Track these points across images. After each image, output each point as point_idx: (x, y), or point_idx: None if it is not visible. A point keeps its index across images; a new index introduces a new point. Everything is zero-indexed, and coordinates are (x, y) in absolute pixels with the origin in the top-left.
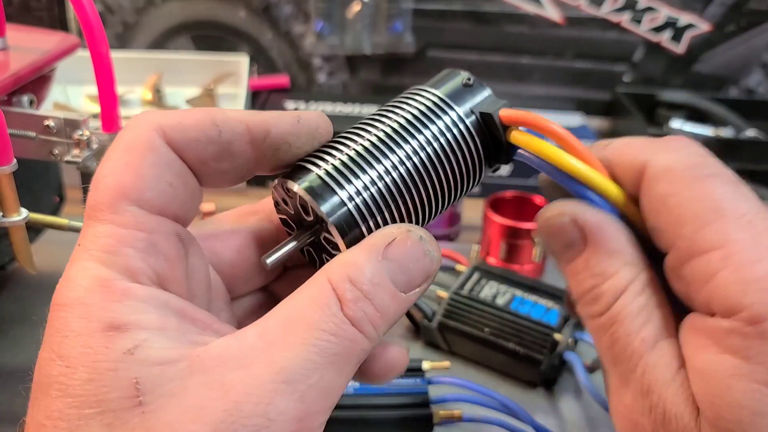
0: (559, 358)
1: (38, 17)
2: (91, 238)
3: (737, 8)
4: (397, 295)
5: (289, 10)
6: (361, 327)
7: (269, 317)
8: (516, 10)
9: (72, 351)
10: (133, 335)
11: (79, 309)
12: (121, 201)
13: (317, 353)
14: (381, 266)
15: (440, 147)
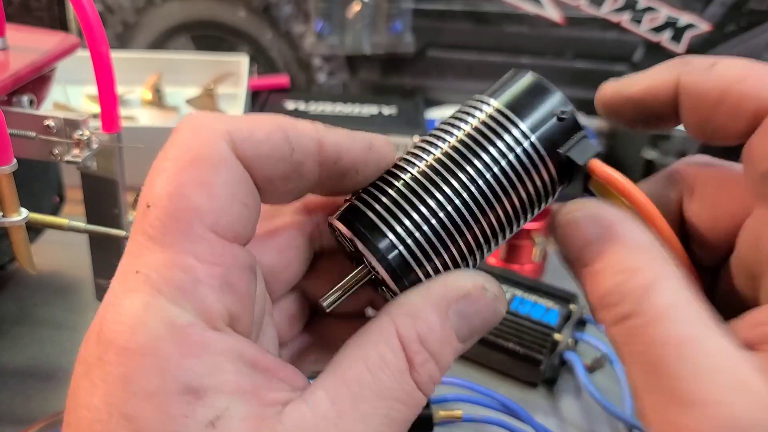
0: (559, 358)
1: (38, 17)
2: (158, 268)
3: (737, 8)
4: (459, 349)
5: (289, 10)
6: (426, 389)
7: (338, 376)
8: (516, 10)
9: (143, 413)
10: (214, 402)
11: (151, 361)
12: (195, 226)
13: (389, 423)
14: (450, 324)
15: (511, 181)
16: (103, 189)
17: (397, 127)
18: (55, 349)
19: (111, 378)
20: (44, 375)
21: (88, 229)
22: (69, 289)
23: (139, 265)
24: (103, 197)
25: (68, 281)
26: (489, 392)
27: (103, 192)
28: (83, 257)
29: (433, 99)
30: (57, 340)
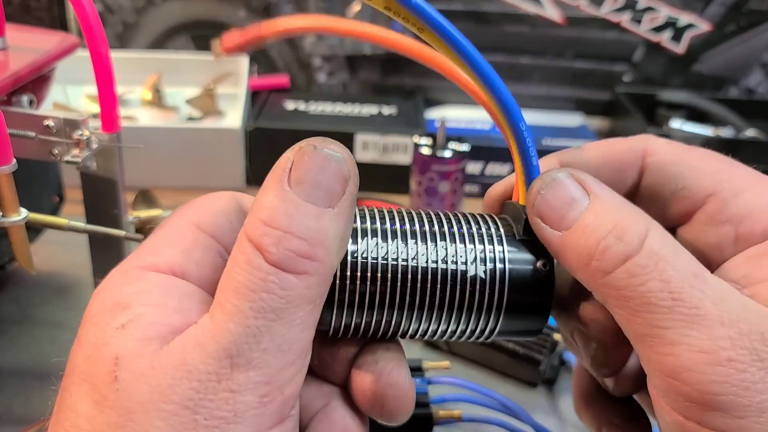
0: (558, 358)
1: (38, 17)
2: (147, 242)
3: (737, 8)
4: (323, 213)
5: (289, 10)
6: (293, 267)
7: (216, 293)
8: (516, 10)
9: (85, 332)
10: (132, 311)
11: (99, 295)
12: (181, 221)
13: (255, 316)
14: (290, 194)
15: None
16: (102, 189)
17: (397, 127)
18: (54, 349)
19: (86, 315)
20: (43, 375)
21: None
22: (68, 289)
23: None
24: (102, 197)
25: (68, 281)
26: (489, 392)
27: (103, 192)
28: (83, 257)
29: (433, 99)
30: (56, 340)
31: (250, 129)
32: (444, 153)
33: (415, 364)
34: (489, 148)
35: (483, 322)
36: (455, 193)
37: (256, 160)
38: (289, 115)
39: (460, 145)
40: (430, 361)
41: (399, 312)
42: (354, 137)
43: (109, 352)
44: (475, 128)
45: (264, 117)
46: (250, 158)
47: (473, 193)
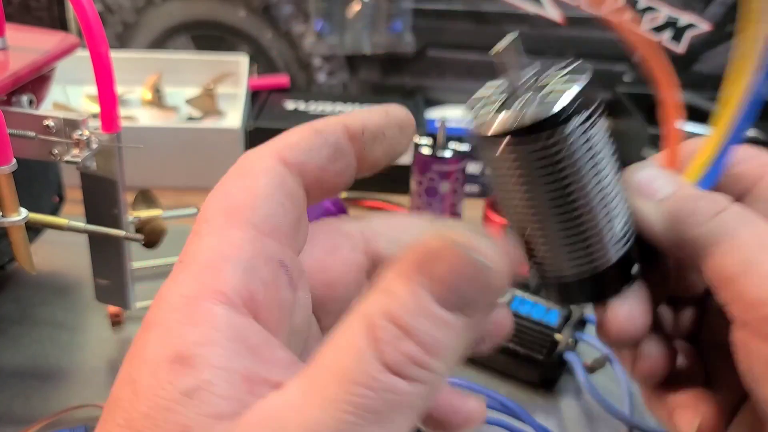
0: (559, 358)
1: (38, 17)
2: (192, 253)
3: (737, 8)
4: (452, 323)
5: (289, 10)
6: (404, 372)
7: (310, 363)
8: (516, 9)
9: (142, 378)
10: (198, 374)
11: (159, 330)
12: (228, 217)
13: (352, 412)
14: (422, 293)
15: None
16: (102, 189)
17: None
18: (54, 349)
19: (133, 347)
20: (44, 375)
21: (88, 229)
22: (68, 289)
23: (181, 256)
24: (102, 197)
25: (68, 281)
26: (489, 392)
27: (103, 192)
28: (83, 257)
29: (433, 99)
30: (56, 340)
31: (250, 129)
32: (444, 153)
33: None
34: None
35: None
36: (455, 193)
37: None
38: (289, 115)
39: (461, 145)
40: None
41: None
42: None
43: (174, 421)
44: None
45: (264, 117)
46: None
47: (474, 193)
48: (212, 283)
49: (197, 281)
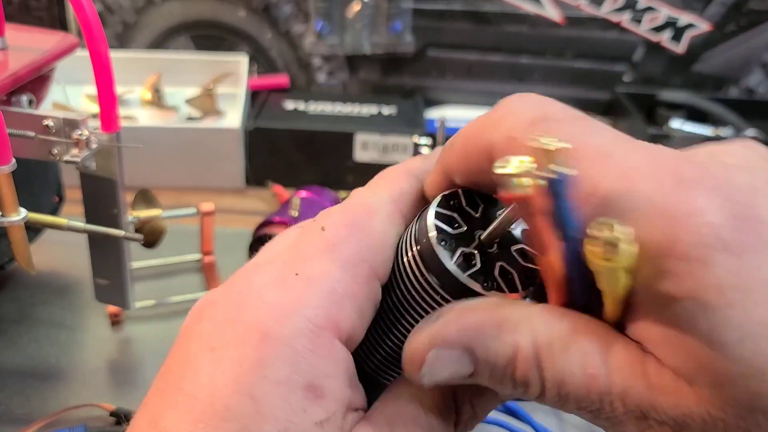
0: None
1: (37, 17)
2: (320, 274)
3: (737, 8)
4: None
5: (289, 10)
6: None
7: (393, 406)
8: (516, 9)
9: (269, 398)
10: (328, 406)
11: (287, 352)
12: (360, 256)
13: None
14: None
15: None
16: (102, 189)
17: (397, 126)
18: (53, 348)
19: (247, 361)
20: (43, 374)
21: (87, 228)
22: (68, 289)
23: (303, 268)
24: (102, 197)
25: (67, 281)
26: None
27: (102, 192)
28: (82, 257)
29: (433, 99)
30: (56, 340)
31: (249, 129)
32: None
33: None
34: None
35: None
36: None
37: (256, 159)
38: (289, 115)
39: None
40: None
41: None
42: (354, 137)
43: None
44: None
45: (264, 117)
46: (250, 158)
47: None
48: (336, 317)
49: (325, 311)
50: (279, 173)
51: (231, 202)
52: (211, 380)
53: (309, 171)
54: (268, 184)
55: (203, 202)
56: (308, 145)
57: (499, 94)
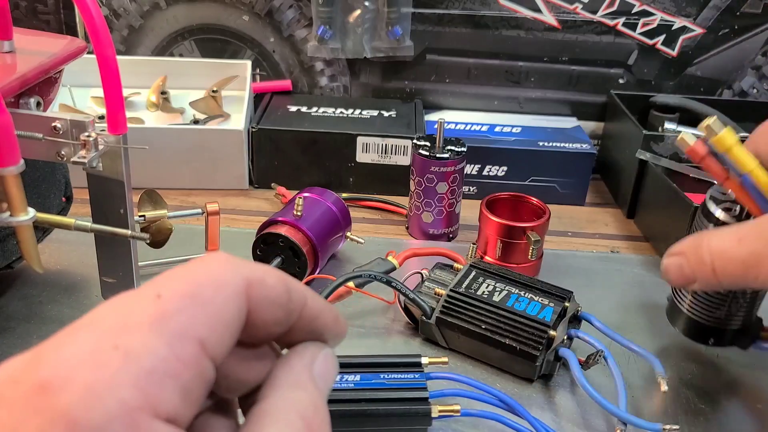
0: (554, 354)
1: (45, 21)
2: (141, 348)
3: (730, 12)
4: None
5: (291, 15)
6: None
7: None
8: (513, 14)
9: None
10: None
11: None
12: (188, 331)
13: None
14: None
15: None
16: (109, 189)
17: (397, 129)
18: None
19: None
20: None
21: (94, 228)
22: (76, 288)
23: (124, 340)
24: (109, 197)
25: (75, 279)
26: (486, 387)
27: (109, 192)
28: (90, 256)
29: (432, 102)
30: None
31: (253, 130)
32: (442, 154)
33: (414, 360)
34: (486, 149)
35: None
36: (453, 193)
37: (260, 161)
38: (292, 117)
39: (458, 146)
40: (428, 357)
41: None
42: (355, 139)
43: None
44: (472, 130)
45: (267, 119)
46: (254, 160)
47: (471, 194)
48: (155, 398)
49: (142, 392)
50: (282, 174)
51: (235, 202)
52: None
53: (312, 172)
54: (272, 185)
55: (208, 203)
56: (311, 147)
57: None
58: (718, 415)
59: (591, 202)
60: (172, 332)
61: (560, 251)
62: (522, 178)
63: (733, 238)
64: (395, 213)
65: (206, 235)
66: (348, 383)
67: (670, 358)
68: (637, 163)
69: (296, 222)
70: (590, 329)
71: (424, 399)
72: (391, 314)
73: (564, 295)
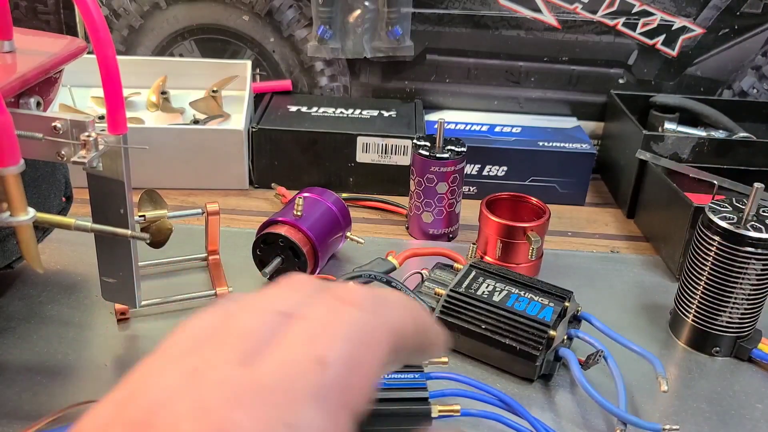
0: (554, 354)
1: (45, 21)
2: (307, 424)
3: (730, 12)
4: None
5: (291, 15)
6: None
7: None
8: (513, 14)
9: None
10: None
11: None
12: (350, 404)
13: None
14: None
15: None
16: (109, 189)
17: (397, 129)
18: (62, 346)
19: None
20: (51, 372)
21: (94, 228)
22: (75, 287)
23: (292, 417)
24: (109, 197)
25: (75, 279)
26: (486, 387)
27: (109, 192)
28: (90, 256)
29: (432, 102)
30: (64, 337)
31: (253, 130)
32: (442, 154)
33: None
34: (486, 149)
35: None
36: (453, 193)
37: (260, 161)
38: (292, 117)
39: (458, 146)
40: None
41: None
42: (355, 139)
43: None
44: (472, 130)
45: (267, 119)
46: (254, 159)
47: (471, 194)
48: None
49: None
50: (282, 174)
51: (235, 202)
52: None
53: (312, 172)
54: (272, 185)
55: (208, 203)
56: (311, 147)
57: (497, 97)
58: (717, 415)
59: (591, 202)
60: (336, 406)
61: (560, 251)
62: (522, 178)
63: None
64: (395, 213)
65: (206, 235)
66: None
67: (670, 358)
68: (637, 163)
69: (296, 222)
70: (590, 329)
71: (424, 399)
72: None
73: (564, 295)
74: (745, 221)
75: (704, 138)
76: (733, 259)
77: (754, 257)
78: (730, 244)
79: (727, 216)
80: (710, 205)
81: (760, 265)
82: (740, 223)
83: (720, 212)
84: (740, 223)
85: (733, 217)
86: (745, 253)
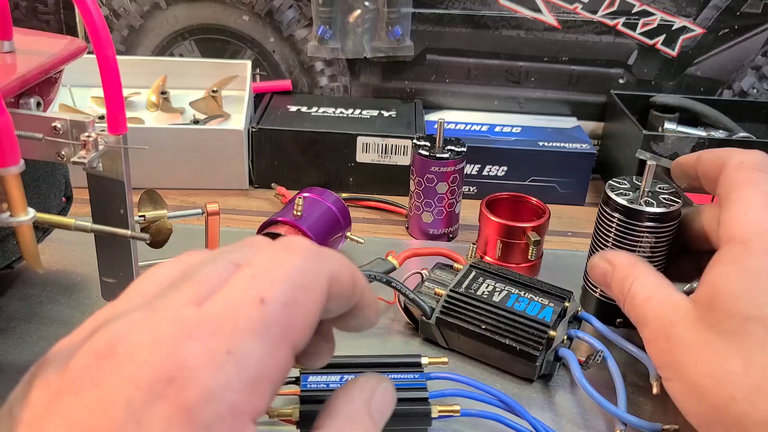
0: (554, 354)
1: (45, 21)
2: (247, 353)
3: (730, 12)
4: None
5: (291, 15)
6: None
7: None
8: (513, 14)
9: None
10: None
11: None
12: (286, 337)
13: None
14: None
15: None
16: (109, 189)
17: (397, 129)
18: None
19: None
20: None
21: (95, 228)
22: (76, 288)
23: (236, 345)
24: (109, 198)
25: (75, 280)
26: (486, 387)
27: (109, 192)
28: (90, 256)
29: (432, 102)
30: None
31: (253, 130)
32: (442, 154)
33: (414, 360)
34: (486, 149)
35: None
36: (453, 193)
37: (260, 161)
38: (292, 117)
39: (458, 146)
40: (428, 357)
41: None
42: (355, 139)
43: None
44: (472, 130)
45: (267, 119)
46: (254, 159)
47: (471, 194)
48: (257, 403)
49: (247, 398)
50: (282, 174)
51: (236, 202)
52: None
53: (312, 172)
54: (272, 185)
55: (208, 203)
56: (311, 147)
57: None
58: None
59: (591, 202)
60: (274, 339)
61: (560, 251)
62: (522, 178)
63: (652, 297)
64: (395, 213)
65: (206, 236)
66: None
67: None
68: (637, 163)
69: (296, 222)
70: (590, 329)
71: (424, 399)
72: (391, 314)
73: (564, 295)
74: (640, 198)
75: (704, 138)
76: (630, 233)
77: (647, 231)
78: (629, 219)
79: (624, 192)
80: (610, 183)
81: (653, 238)
82: (635, 200)
83: (618, 189)
84: (635, 200)
85: (629, 194)
86: (641, 227)
